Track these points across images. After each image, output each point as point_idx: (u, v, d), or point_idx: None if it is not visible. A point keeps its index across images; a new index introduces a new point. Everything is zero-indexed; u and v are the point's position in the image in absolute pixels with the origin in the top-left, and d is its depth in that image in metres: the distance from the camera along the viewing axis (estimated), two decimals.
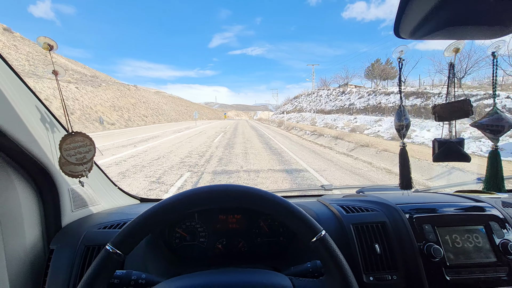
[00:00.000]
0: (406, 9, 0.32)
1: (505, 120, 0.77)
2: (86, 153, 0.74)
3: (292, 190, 2.30)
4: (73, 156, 0.71)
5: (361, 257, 0.70)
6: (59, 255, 0.70)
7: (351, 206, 0.84)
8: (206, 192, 0.50)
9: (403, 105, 0.85)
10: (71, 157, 0.71)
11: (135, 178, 4.81)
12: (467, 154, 0.82)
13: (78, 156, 0.72)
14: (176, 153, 7.96)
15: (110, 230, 0.77)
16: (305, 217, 0.49)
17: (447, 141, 0.83)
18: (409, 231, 0.71)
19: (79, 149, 0.73)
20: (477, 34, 0.37)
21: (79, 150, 0.73)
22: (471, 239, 0.71)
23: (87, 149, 0.74)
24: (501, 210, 0.78)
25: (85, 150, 0.74)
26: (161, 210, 0.48)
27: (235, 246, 0.85)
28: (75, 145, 0.72)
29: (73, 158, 0.71)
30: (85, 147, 0.74)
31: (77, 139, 0.73)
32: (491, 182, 0.86)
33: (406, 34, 0.37)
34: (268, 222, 0.87)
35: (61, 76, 0.73)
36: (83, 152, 0.73)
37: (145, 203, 1.16)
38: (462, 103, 0.78)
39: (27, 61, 36.51)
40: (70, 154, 0.71)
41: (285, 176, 5.01)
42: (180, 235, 0.84)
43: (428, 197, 0.90)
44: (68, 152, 0.71)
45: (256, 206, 0.50)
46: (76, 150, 0.72)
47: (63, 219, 0.79)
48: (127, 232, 0.47)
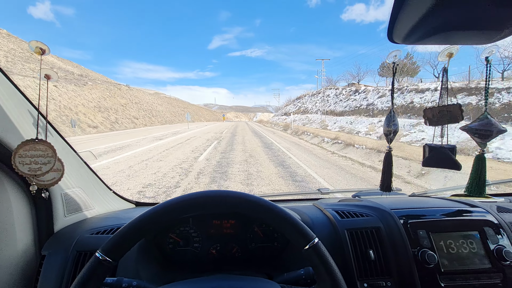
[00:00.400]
0: (399, 15, 0.32)
1: (494, 126, 0.76)
2: (43, 164, 0.66)
3: (288, 194, 2.08)
4: (27, 165, 0.64)
5: (355, 263, 0.69)
6: (51, 261, 0.69)
7: (346, 211, 0.83)
8: (200, 198, 0.49)
9: (394, 110, 0.86)
10: (23, 165, 0.64)
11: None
12: (458, 162, 0.81)
13: (33, 166, 0.65)
14: (120, 186, 4.31)
15: (103, 235, 0.75)
16: (298, 224, 0.49)
17: (438, 146, 0.83)
18: (404, 236, 0.71)
19: (37, 158, 0.66)
20: (470, 39, 0.37)
21: (36, 160, 0.65)
22: (466, 245, 0.70)
23: (46, 160, 0.67)
24: (495, 215, 0.77)
25: (43, 161, 0.66)
26: (153, 216, 0.47)
27: (229, 252, 0.83)
28: (34, 153, 0.65)
29: (26, 168, 0.64)
30: (45, 157, 0.67)
31: (39, 147, 0.66)
32: (473, 186, 0.86)
33: (399, 39, 0.37)
34: (263, 228, 0.85)
35: (53, 80, 0.70)
36: (39, 163, 0.66)
37: (140, 207, 1.14)
38: (453, 108, 0.78)
39: (5, 57, 32.89)
40: (24, 161, 0.64)
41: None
42: (174, 240, 0.82)
43: (423, 202, 0.89)
44: (23, 159, 0.64)
45: (250, 212, 0.50)
46: (32, 159, 0.65)
47: (56, 224, 0.77)
48: (117, 238, 0.46)
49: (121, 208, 1.08)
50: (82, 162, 0.90)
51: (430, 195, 1.12)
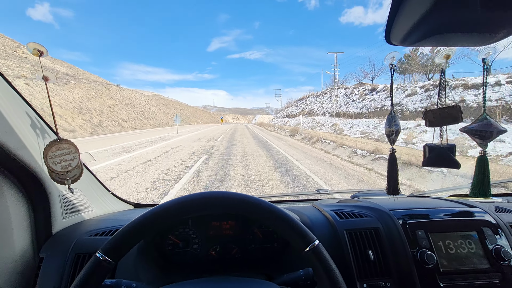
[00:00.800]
0: (396, 17, 0.32)
1: (493, 126, 0.77)
2: (71, 160, 0.71)
3: (287, 195, 1.97)
4: (59, 164, 0.69)
5: (355, 263, 0.69)
6: (49, 263, 0.69)
7: (345, 212, 0.83)
8: (200, 199, 0.49)
9: (394, 111, 0.87)
10: (56, 165, 0.68)
11: None
12: (457, 161, 0.82)
13: (63, 164, 0.70)
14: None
15: (101, 237, 0.75)
16: (299, 226, 0.49)
17: (438, 146, 0.84)
18: (402, 237, 0.71)
19: (65, 156, 0.70)
20: (467, 41, 0.37)
21: (65, 158, 0.70)
22: (464, 245, 0.71)
23: (72, 156, 0.71)
24: (493, 215, 0.78)
25: (70, 158, 0.71)
26: (153, 217, 0.47)
27: (229, 253, 0.83)
28: (61, 153, 0.70)
29: (59, 166, 0.69)
30: (70, 154, 0.71)
31: (63, 146, 0.70)
32: (477, 188, 0.84)
33: (397, 41, 0.37)
34: (262, 229, 0.85)
35: (51, 82, 0.71)
36: (68, 160, 0.71)
37: (139, 208, 1.13)
38: (452, 109, 0.79)
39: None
40: (55, 162, 0.68)
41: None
42: (173, 242, 0.82)
43: (422, 202, 0.89)
44: (54, 159, 0.68)
45: (251, 214, 0.50)
46: (61, 158, 0.70)
47: (54, 226, 0.77)
48: (118, 239, 0.46)
49: (120, 209, 1.07)
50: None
51: (428, 195, 1.13)
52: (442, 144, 0.84)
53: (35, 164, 0.68)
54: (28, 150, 0.66)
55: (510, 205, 0.92)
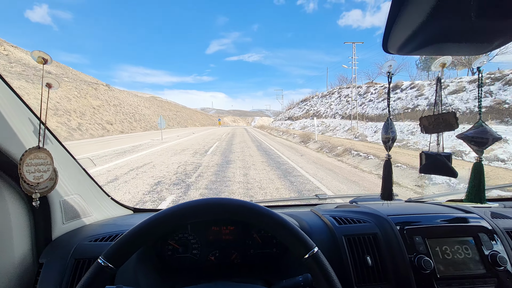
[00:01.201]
0: (393, 27, 0.33)
1: (489, 133, 0.78)
2: (44, 172, 0.67)
3: (286, 200, 2.03)
4: (32, 173, 0.64)
5: (353, 269, 0.69)
6: (49, 269, 0.68)
7: (343, 217, 0.82)
8: (201, 206, 0.50)
9: (390, 118, 0.88)
10: (29, 174, 0.64)
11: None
12: (454, 169, 0.82)
13: (36, 174, 0.65)
14: None
15: (101, 242, 0.75)
16: (298, 233, 0.49)
17: (435, 154, 0.84)
18: (400, 243, 0.71)
19: (39, 166, 0.66)
20: (463, 50, 0.38)
21: (39, 168, 0.66)
22: (461, 251, 0.71)
23: (46, 168, 0.68)
24: (489, 221, 0.78)
25: (44, 169, 0.67)
26: (154, 223, 0.48)
27: (228, 258, 0.83)
28: (37, 162, 0.66)
29: (31, 176, 0.64)
30: (45, 165, 0.68)
31: (41, 155, 0.67)
32: (473, 194, 0.86)
33: (394, 50, 0.38)
34: (262, 234, 0.85)
35: (54, 89, 0.70)
36: (41, 171, 0.67)
37: (138, 213, 1.12)
38: (448, 116, 0.79)
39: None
40: (29, 170, 0.64)
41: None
42: (173, 247, 0.81)
43: (420, 208, 0.89)
44: (29, 168, 0.64)
45: (251, 220, 0.50)
46: (36, 167, 0.65)
47: (54, 232, 0.77)
48: (120, 244, 0.46)
49: (119, 214, 1.05)
50: (81, 169, 0.89)
51: (426, 200, 1.12)
52: (438, 152, 0.84)
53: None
54: None
55: (506, 210, 0.92)
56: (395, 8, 0.30)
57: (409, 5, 0.29)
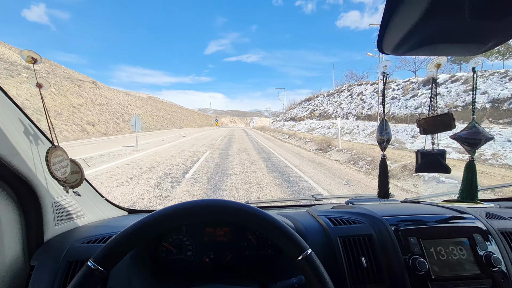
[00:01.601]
0: (388, 27, 0.33)
1: (482, 134, 0.79)
2: (66, 167, 0.71)
3: (282, 200, 2.05)
4: (58, 170, 0.68)
5: (348, 270, 0.69)
6: (40, 272, 0.67)
7: (338, 218, 0.83)
8: (194, 207, 0.49)
9: (386, 119, 0.87)
10: (57, 171, 0.68)
11: None
12: (448, 166, 0.83)
13: (62, 171, 0.70)
14: None
15: (94, 244, 0.74)
16: (292, 234, 0.49)
17: (429, 152, 0.85)
18: (395, 244, 0.71)
19: (62, 163, 0.70)
20: (457, 50, 0.38)
21: (62, 164, 0.70)
22: (456, 252, 0.71)
23: (65, 163, 0.71)
24: (484, 222, 0.78)
25: (65, 164, 0.71)
26: (146, 225, 0.47)
27: (223, 260, 0.82)
28: (58, 159, 0.69)
29: (59, 173, 0.69)
30: (64, 161, 0.71)
31: (58, 153, 0.70)
32: (465, 192, 0.87)
33: (389, 50, 0.38)
34: (257, 235, 0.84)
35: (45, 89, 0.69)
36: (64, 166, 0.70)
37: (133, 214, 1.11)
38: (445, 117, 0.80)
39: None
40: (56, 168, 0.68)
41: None
42: (167, 249, 0.80)
43: (415, 208, 0.89)
44: (55, 166, 0.67)
45: (245, 222, 0.50)
46: (59, 165, 0.69)
47: (46, 234, 0.76)
48: (110, 247, 0.46)
49: (114, 215, 1.04)
50: None
51: (421, 201, 1.13)
52: (433, 150, 0.85)
53: (28, 171, 0.67)
54: (21, 157, 0.65)
55: (501, 210, 0.93)
56: (390, 9, 0.30)
57: (404, 5, 0.29)
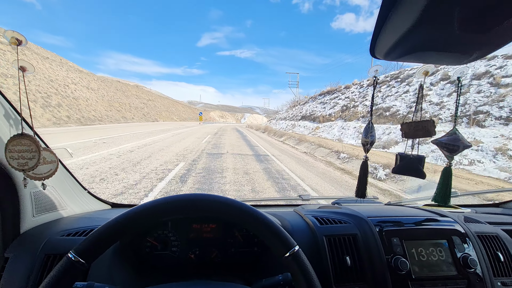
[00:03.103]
0: (381, 33, 0.34)
1: (461, 141, 0.80)
2: (29, 159, 0.66)
3: (270, 199, 2.03)
4: (16, 160, 0.64)
5: (332, 269, 0.70)
6: (15, 265, 0.65)
7: (325, 218, 0.84)
8: (181, 201, 0.48)
9: (372, 122, 0.88)
10: (13, 160, 0.64)
11: None
12: (423, 171, 0.85)
13: (20, 161, 0.65)
14: None
15: (74, 237, 0.72)
16: (279, 231, 0.48)
17: (408, 156, 0.87)
18: (378, 244, 0.72)
19: (23, 153, 0.66)
20: (445, 59, 0.40)
21: (23, 155, 0.65)
22: (435, 253, 0.73)
23: (31, 155, 0.66)
24: (462, 225, 0.80)
25: (28, 156, 0.66)
26: (131, 217, 0.46)
27: (208, 256, 0.81)
28: (20, 148, 0.65)
29: (15, 162, 0.64)
30: (30, 153, 0.66)
31: (24, 142, 0.66)
32: (440, 196, 0.89)
33: (381, 55, 0.39)
34: (243, 232, 0.84)
35: (29, 73, 0.66)
36: (26, 158, 0.66)
37: (116, 208, 1.09)
38: (426, 123, 0.81)
39: None
40: (13, 156, 0.64)
41: None
42: (151, 244, 0.79)
43: (398, 211, 0.91)
44: (12, 154, 0.64)
45: (232, 218, 0.50)
46: (19, 154, 0.65)
47: (22, 225, 0.74)
48: (92, 239, 0.45)
49: (97, 209, 1.02)
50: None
51: (404, 204, 1.17)
52: (412, 155, 0.87)
53: (3, 159, 0.64)
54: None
55: (477, 215, 0.96)
56: (383, 15, 0.31)
57: (396, 12, 0.30)
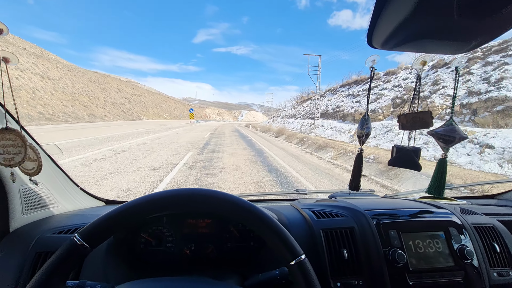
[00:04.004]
0: (378, 21, 0.34)
1: (457, 132, 0.79)
2: (15, 155, 0.65)
3: (267, 194, 2.05)
4: (1, 155, 0.63)
5: (329, 262, 0.70)
6: (4, 263, 0.65)
7: (322, 211, 0.83)
8: (183, 196, 0.48)
9: (368, 114, 0.88)
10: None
11: None
12: (419, 163, 0.84)
13: (6, 156, 0.64)
14: None
15: (66, 235, 0.70)
16: (287, 238, 0.47)
17: (405, 148, 0.86)
18: (376, 236, 0.72)
19: (9, 148, 0.64)
20: (442, 48, 0.39)
21: (8, 150, 0.64)
22: (432, 245, 0.73)
23: (17, 150, 0.65)
24: (459, 216, 0.81)
25: (14, 151, 0.65)
26: (138, 207, 0.46)
27: (204, 252, 0.80)
28: (5, 143, 0.64)
29: (0, 158, 0.63)
30: (15, 147, 0.65)
31: (9, 136, 0.64)
32: (434, 187, 0.89)
33: (378, 44, 0.39)
34: (239, 227, 0.83)
35: (13, 64, 0.63)
36: (11, 153, 0.64)
37: (110, 205, 1.07)
38: (424, 115, 0.80)
39: None
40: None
41: None
42: (146, 240, 0.78)
43: (395, 203, 0.91)
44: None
45: (236, 218, 0.49)
46: (5, 149, 0.64)
47: (12, 223, 0.73)
48: (98, 225, 0.45)
49: (90, 206, 1.00)
50: (46, 156, 0.84)
51: (401, 197, 1.17)
52: (408, 147, 0.86)
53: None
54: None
55: (473, 207, 0.96)
56: (380, 4, 0.31)
57: (394, 1, 0.30)
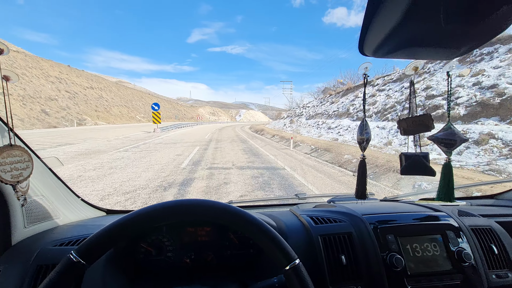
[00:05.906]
0: (369, 30, 0.34)
1: (457, 135, 0.79)
2: (23, 170, 0.65)
3: (266, 200, 2.00)
4: (9, 172, 0.63)
5: (328, 268, 0.70)
6: (6, 277, 0.64)
7: (320, 217, 0.83)
8: (182, 206, 0.49)
9: (366, 120, 0.87)
10: (6, 173, 0.62)
11: None
12: (432, 168, 0.83)
13: (14, 173, 0.63)
14: None
15: (67, 247, 0.71)
16: (281, 243, 0.48)
17: (413, 154, 0.85)
18: (374, 241, 0.73)
19: (16, 164, 0.64)
20: (433, 55, 0.40)
21: (16, 166, 0.64)
22: (430, 248, 0.74)
23: (24, 165, 0.66)
24: (456, 219, 0.81)
25: (22, 167, 0.65)
26: (135, 220, 0.47)
27: (204, 260, 0.80)
28: (12, 160, 0.63)
29: (8, 175, 0.63)
30: (23, 163, 0.66)
31: (15, 153, 0.64)
32: (443, 193, 0.88)
33: (369, 52, 0.39)
34: (238, 234, 0.83)
35: (13, 82, 0.64)
36: (20, 169, 0.65)
37: (111, 215, 1.06)
38: (424, 118, 0.80)
39: None
40: (5, 169, 0.62)
41: None
42: (145, 250, 0.77)
43: (393, 207, 0.91)
44: (4, 167, 0.62)
45: (232, 225, 0.50)
46: (12, 166, 0.63)
47: (14, 236, 0.73)
48: (94, 241, 0.45)
49: (91, 216, 1.00)
50: (46, 168, 0.84)
51: (400, 199, 1.16)
52: (416, 152, 0.85)
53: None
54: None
55: (472, 208, 0.97)
56: (371, 11, 0.31)
57: (384, 8, 0.30)
